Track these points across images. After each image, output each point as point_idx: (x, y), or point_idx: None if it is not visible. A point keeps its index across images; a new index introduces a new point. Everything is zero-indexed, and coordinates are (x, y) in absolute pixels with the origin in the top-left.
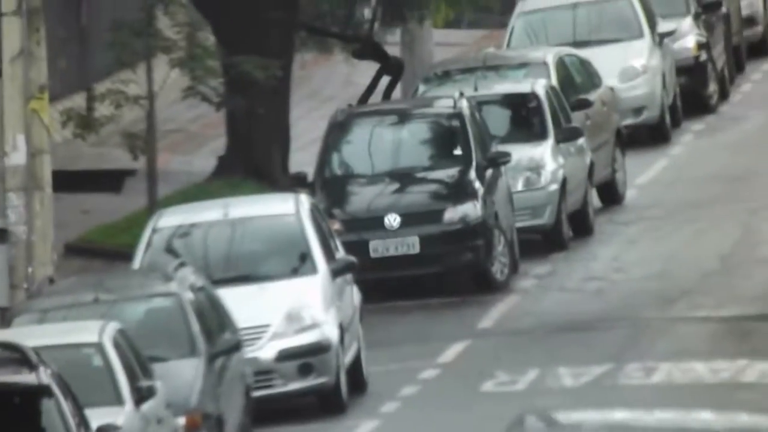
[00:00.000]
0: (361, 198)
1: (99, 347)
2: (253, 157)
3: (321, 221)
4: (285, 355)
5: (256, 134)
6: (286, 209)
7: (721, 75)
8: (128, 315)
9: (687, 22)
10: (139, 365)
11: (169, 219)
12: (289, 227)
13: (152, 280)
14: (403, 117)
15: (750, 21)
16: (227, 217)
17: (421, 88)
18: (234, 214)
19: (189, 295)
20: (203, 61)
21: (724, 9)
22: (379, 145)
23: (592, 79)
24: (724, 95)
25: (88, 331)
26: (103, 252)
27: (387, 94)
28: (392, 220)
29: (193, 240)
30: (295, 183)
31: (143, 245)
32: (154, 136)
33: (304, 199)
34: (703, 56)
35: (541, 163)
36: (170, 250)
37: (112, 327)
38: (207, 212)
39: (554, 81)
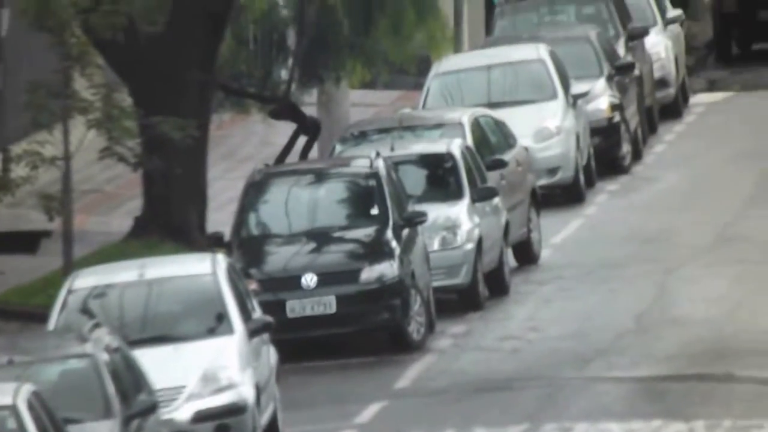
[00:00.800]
0: (278, 258)
1: (13, 410)
2: (170, 218)
3: (238, 281)
4: (201, 417)
5: (172, 194)
6: (203, 269)
7: (635, 136)
8: (43, 376)
9: (600, 84)
10: (53, 427)
11: (85, 280)
12: (205, 287)
13: (67, 341)
14: (320, 177)
15: (662, 83)
16: (143, 277)
17: (338, 148)
18: (150, 274)
19: (104, 357)
20: (120, 122)
21: (636, 71)
22: (296, 205)
23: (507, 139)
24: (637, 156)
25: (2, 394)
26: (18, 313)
27: (304, 154)
28: (309, 279)
29: (108, 301)
30: (212, 243)
31: (58, 306)
32: (70, 197)
33: (221, 259)
34: (617, 117)
35: (457, 222)
36: (86, 311)
37: (27, 389)
38: (123, 273)
39: (470, 141)
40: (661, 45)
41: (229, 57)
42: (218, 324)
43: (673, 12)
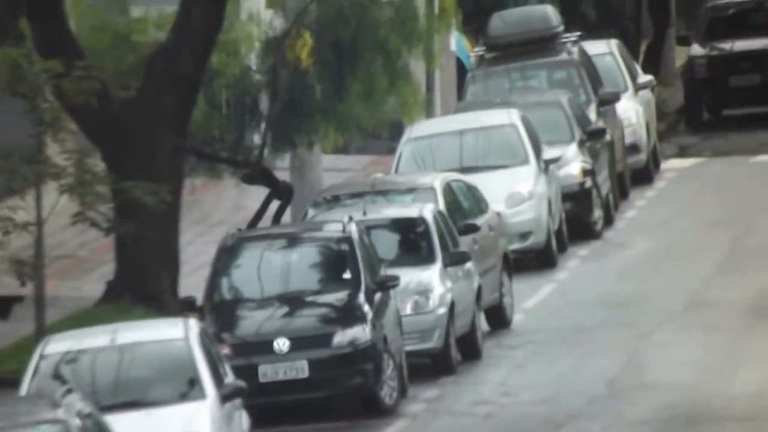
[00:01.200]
0: (251, 322)
1: None
2: (143, 282)
3: (210, 346)
4: None
5: (145, 259)
6: (175, 334)
7: (606, 201)
8: None
9: (572, 149)
10: None
11: (57, 345)
12: (177, 352)
13: (39, 407)
14: (293, 241)
15: (633, 148)
16: (115, 342)
17: (311, 212)
18: (122, 339)
19: (76, 422)
20: (93, 187)
21: (608, 136)
22: (269, 269)
23: (479, 204)
24: (608, 221)
25: None
26: None
27: (276, 219)
28: (281, 344)
29: (80, 366)
30: (184, 308)
31: (30, 372)
32: (43, 262)
33: (193, 324)
34: (588, 183)
35: (430, 286)
36: (58, 377)
37: None
38: (95, 338)
39: (442, 206)
40: (632, 110)
41: (202, 121)
42: (190, 389)
43: (644, 77)
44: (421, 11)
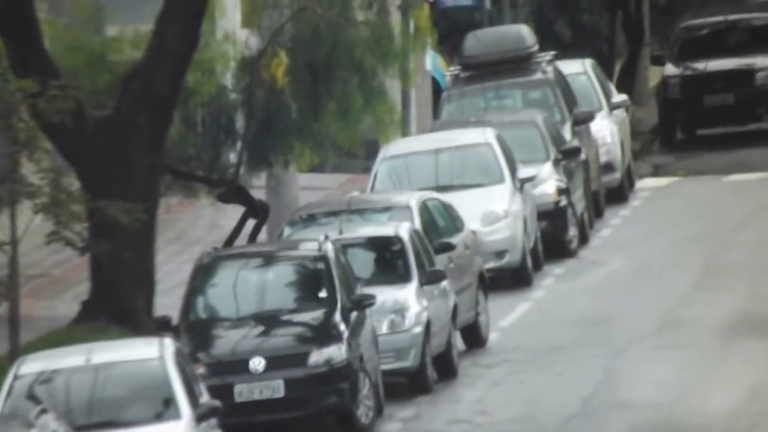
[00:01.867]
0: (226, 341)
1: None
2: (118, 302)
3: (185, 365)
4: None
5: (120, 278)
6: (150, 354)
7: (581, 220)
8: None
9: (547, 168)
10: None
11: (31, 365)
12: (152, 372)
13: (14, 427)
14: (269, 260)
15: (608, 167)
16: (90, 362)
17: (287, 231)
18: (97, 359)
19: None
20: (68, 206)
21: (582, 155)
22: (245, 288)
23: (454, 222)
24: (583, 240)
25: None
26: None
27: (252, 238)
28: (257, 363)
29: (55, 386)
30: (160, 327)
31: (5, 392)
32: (17, 282)
33: (169, 344)
34: (563, 201)
35: (406, 305)
36: (32, 397)
37: None
38: (69, 358)
39: (418, 224)
40: (606, 130)
41: (178, 140)
42: (165, 409)
43: (618, 97)
44: (397, 30)
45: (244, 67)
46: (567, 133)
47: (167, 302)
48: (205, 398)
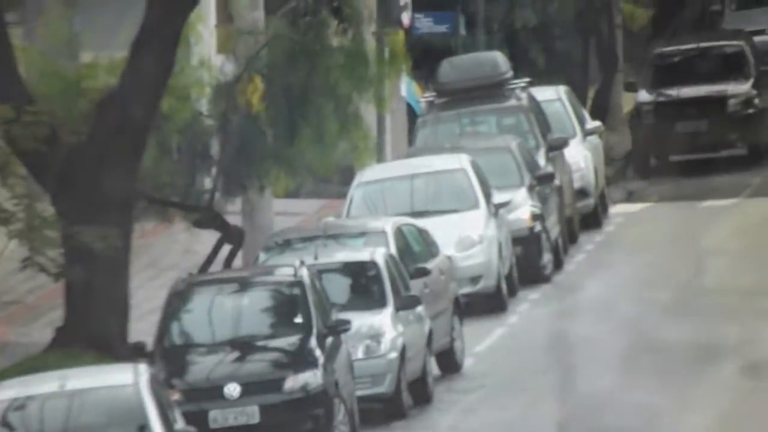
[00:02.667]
0: (201, 367)
1: None
2: (92, 328)
3: (160, 392)
4: None
5: (94, 304)
6: (125, 380)
7: (555, 245)
8: None
9: (521, 194)
10: None
11: (5, 392)
12: (127, 398)
13: None
14: (244, 285)
15: (582, 193)
16: (64, 389)
17: (262, 256)
18: (71, 385)
19: None
20: (42, 232)
21: (557, 181)
22: (220, 314)
23: (429, 248)
24: (558, 265)
25: None
26: None
27: (228, 263)
28: (232, 389)
29: (29, 413)
30: (134, 353)
31: None
32: None
33: (143, 370)
34: (538, 227)
35: (381, 331)
36: (5, 424)
37: None
38: (43, 384)
39: (393, 250)
40: (580, 156)
41: (152, 166)
42: None
43: (592, 123)
44: (372, 57)
45: (219, 93)
46: (541, 159)
47: (142, 328)
48: (180, 425)
